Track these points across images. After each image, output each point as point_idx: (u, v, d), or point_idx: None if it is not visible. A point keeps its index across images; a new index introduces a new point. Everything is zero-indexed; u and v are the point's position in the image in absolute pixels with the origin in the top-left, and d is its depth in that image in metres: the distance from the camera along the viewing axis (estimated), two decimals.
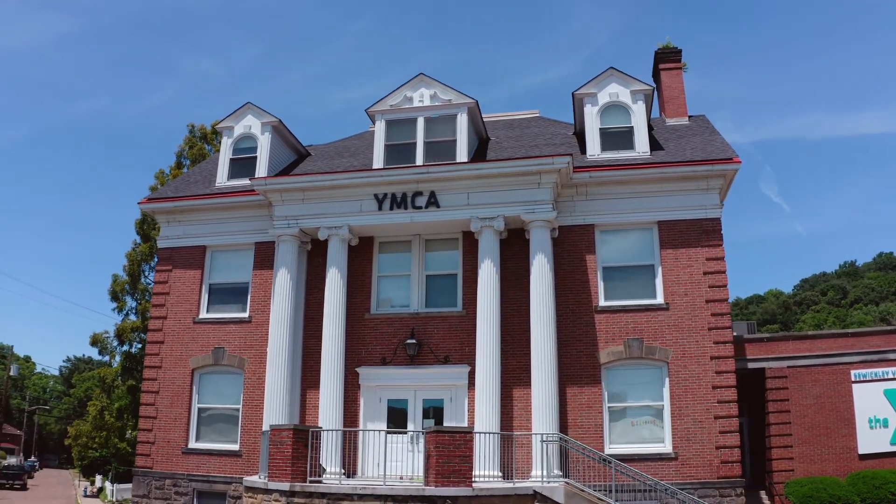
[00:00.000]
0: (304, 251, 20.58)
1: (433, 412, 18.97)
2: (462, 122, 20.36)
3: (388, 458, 16.18)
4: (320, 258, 20.10)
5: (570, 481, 15.92)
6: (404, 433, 18.27)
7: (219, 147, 23.55)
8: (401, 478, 16.76)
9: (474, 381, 18.06)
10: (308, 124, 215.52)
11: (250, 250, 21.37)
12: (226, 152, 22.75)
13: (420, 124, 20.53)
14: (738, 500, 16.82)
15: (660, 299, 18.52)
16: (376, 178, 19.27)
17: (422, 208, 18.99)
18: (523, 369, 18.21)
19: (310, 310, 20.30)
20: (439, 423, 18.58)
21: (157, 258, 25.60)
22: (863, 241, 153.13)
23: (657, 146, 20.31)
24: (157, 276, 22.38)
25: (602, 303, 18.75)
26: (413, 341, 19.11)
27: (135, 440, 23.49)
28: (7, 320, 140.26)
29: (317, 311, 19.91)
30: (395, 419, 19.13)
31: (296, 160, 23.87)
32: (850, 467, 18.54)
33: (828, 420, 19.01)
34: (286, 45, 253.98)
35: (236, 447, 19.85)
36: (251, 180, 20.27)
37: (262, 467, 17.11)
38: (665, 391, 17.94)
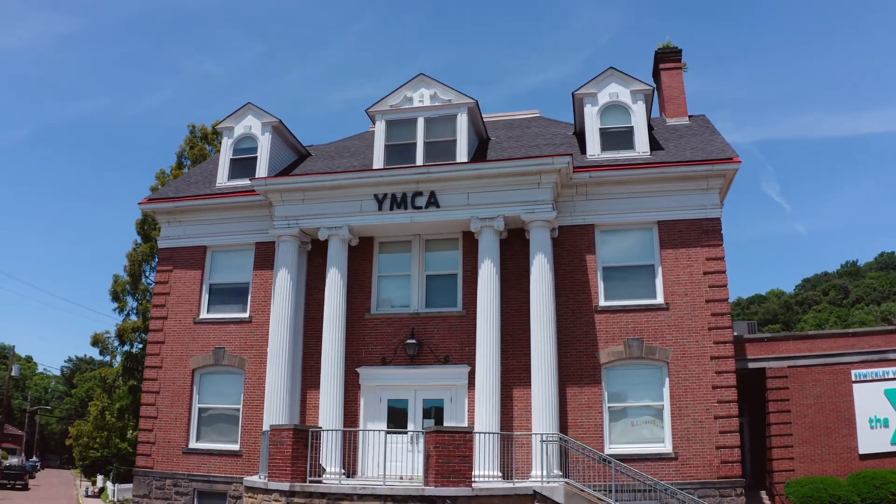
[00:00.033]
0: (305, 251, 20.60)
1: (433, 412, 18.99)
2: (462, 122, 20.37)
3: (388, 458, 16.19)
4: (320, 258, 20.12)
5: (569, 481, 15.92)
6: (404, 433, 18.28)
7: (219, 147, 23.58)
8: (401, 478, 16.77)
9: (474, 381, 18.07)
10: (309, 124, 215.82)
11: (251, 250, 21.40)
12: (226, 152, 22.78)
13: (420, 124, 20.54)
14: (738, 500, 16.81)
15: (660, 299, 18.52)
16: (376, 179, 19.29)
17: (422, 208, 19.00)
18: (523, 369, 18.22)
19: (310, 310, 20.32)
20: (439, 423, 18.59)
21: (157, 258, 25.67)
22: (864, 241, 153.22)
23: (657, 146, 20.31)
24: (157, 277, 22.42)
25: (602, 303, 18.75)
26: (413, 341, 19.13)
27: (136, 440, 23.51)
28: (8, 320, 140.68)
29: (317, 311, 19.93)
30: (396, 419, 19.14)
31: (296, 160, 23.90)
32: (850, 467, 18.54)
33: (828, 420, 19.01)
34: (287, 45, 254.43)
35: (237, 447, 19.88)
36: (251, 180, 20.30)
37: (262, 467, 17.13)
38: (665, 391, 17.94)
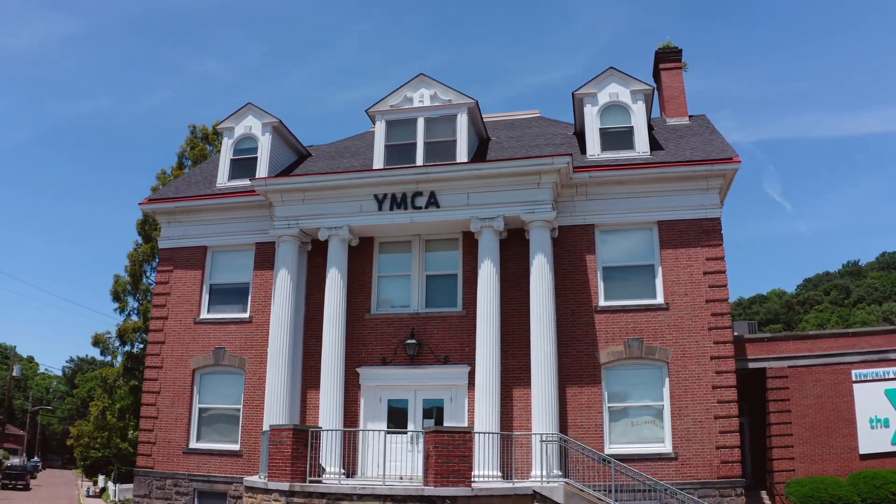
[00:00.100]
0: (305, 251, 20.61)
1: (433, 412, 18.99)
2: (462, 122, 20.38)
3: (388, 458, 16.20)
4: (320, 258, 20.13)
5: (569, 481, 15.92)
6: (404, 433, 18.28)
7: (220, 148, 23.61)
8: (401, 478, 16.78)
9: (474, 381, 18.07)
10: (310, 125, 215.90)
11: (251, 251, 21.41)
12: (226, 153, 22.80)
13: (420, 124, 20.55)
14: (738, 500, 16.80)
15: (660, 299, 18.51)
16: (376, 179, 19.30)
17: (422, 208, 19.01)
18: (523, 369, 18.22)
19: (310, 310, 20.33)
20: (440, 423, 18.59)
21: (158, 258, 25.68)
22: (866, 241, 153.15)
23: (657, 146, 20.30)
24: (158, 277, 22.46)
25: (602, 303, 18.75)
26: (413, 341, 19.13)
27: (136, 440, 23.52)
28: (8, 320, 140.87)
29: (317, 311, 19.94)
30: (396, 419, 19.15)
31: (296, 160, 23.91)
32: (850, 467, 18.53)
33: (828, 420, 19.00)
34: (288, 45, 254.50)
35: (237, 447, 19.89)
36: (251, 181, 20.31)
37: (262, 467, 17.14)
38: (665, 391, 17.93)
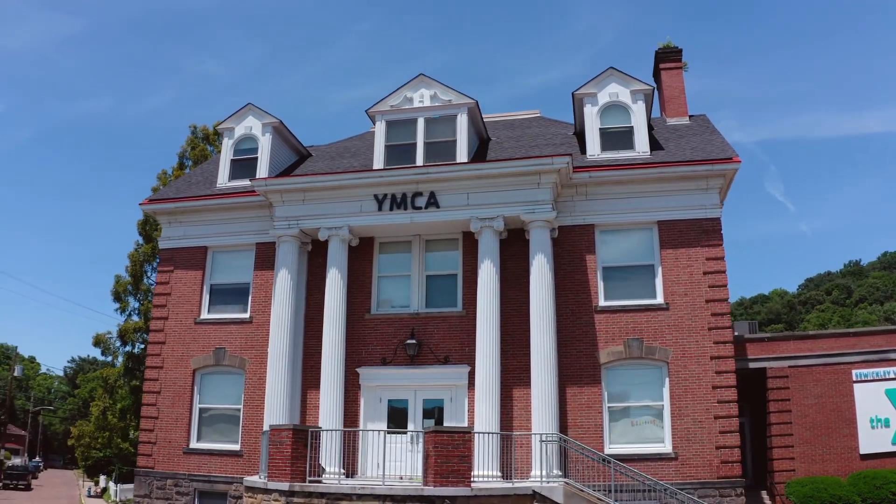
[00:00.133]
0: (305, 252, 20.62)
1: (434, 412, 18.99)
2: (462, 122, 20.38)
3: (388, 458, 16.21)
4: (321, 259, 20.13)
5: (569, 481, 15.92)
6: (404, 433, 18.28)
7: (220, 148, 23.62)
8: (401, 478, 16.77)
9: (474, 381, 18.07)
10: (310, 125, 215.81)
11: (251, 251, 21.42)
12: (227, 153, 22.82)
13: (420, 125, 20.55)
14: (738, 500, 16.79)
15: (660, 299, 18.50)
16: (376, 179, 19.30)
17: (422, 209, 19.01)
18: (523, 369, 18.22)
19: (310, 310, 20.34)
20: (440, 423, 18.60)
21: (158, 259, 25.69)
22: (867, 241, 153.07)
23: (657, 146, 20.29)
24: (158, 277, 22.48)
25: (602, 303, 18.74)
26: (413, 341, 19.13)
27: (137, 440, 23.54)
28: (9, 320, 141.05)
29: (317, 311, 19.94)
30: (396, 419, 19.15)
31: (297, 161, 23.92)
32: (851, 467, 18.51)
33: (829, 420, 18.99)
34: (288, 45, 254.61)
35: (237, 447, 19.90)
36: (252, 181, 20.32)
37: (262, 467, 17.16)
38: (665, 391, 17.92)
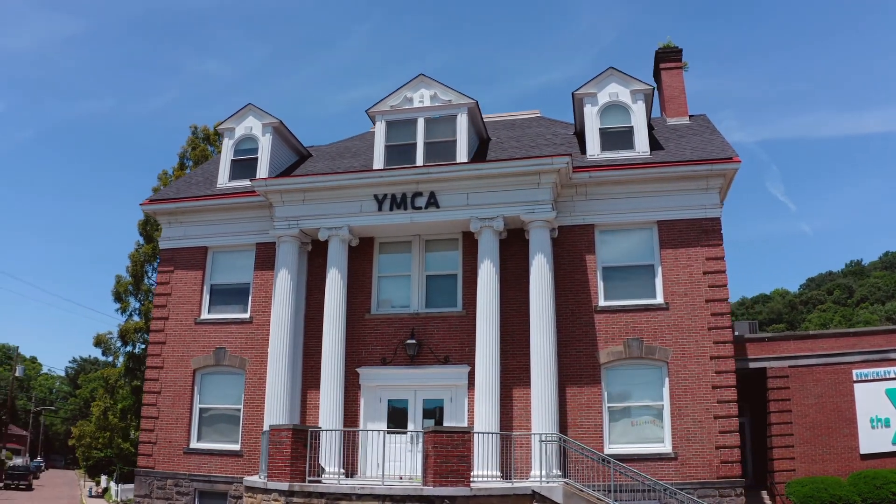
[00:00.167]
0: (305, 252, 20.63)
1: (434, 412, 18.99)
2: (462, 122, 20.38)
3: (388, 458, 16.23)
4: (321, 259, 20.14)
5: (568, 481, 15.92)
6: (404, 433, 18.28)
7: (221, 148, 23.64)
8: (400, 478, 16.77)
9: (474, 381, 18.07)
10: (311, 125, 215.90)
11: (251, 251, 21.44)
12: (227, 153, 22.83)
13: (420, 125, 20.56)
14: (738, 500, 16.78)
15: (659, 299, 18.50)
16: (376, 179, 19.31)
17: (421, 209, 19.01)
18: (523, 369, 18.22)
19: (310, 310, 20.35)
20: (440, 423, 18.60)
21: (159, 259, 25.72)
22: (869, 241, 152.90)
23: (657, 146, 20.29)
24: (158, 277, 22.50)
25: (602, 303, 18.74)
26: (413, 341, 19.14)
27: (138, 440, 23.56)
28: (9, 320, 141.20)
29: (317, 311, 19.95)
30: (396, 419, 19.16)
31: (297, 161, 23.94)
32: (851, 467, 18.51)
33: (829, 420, 18.98)
34: (289, 46, 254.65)
35: (237, 447, 19.91)
36: (252, 181, 20.34)
37: (261, 467, 17.17)
38: (665, 391, 17.91)
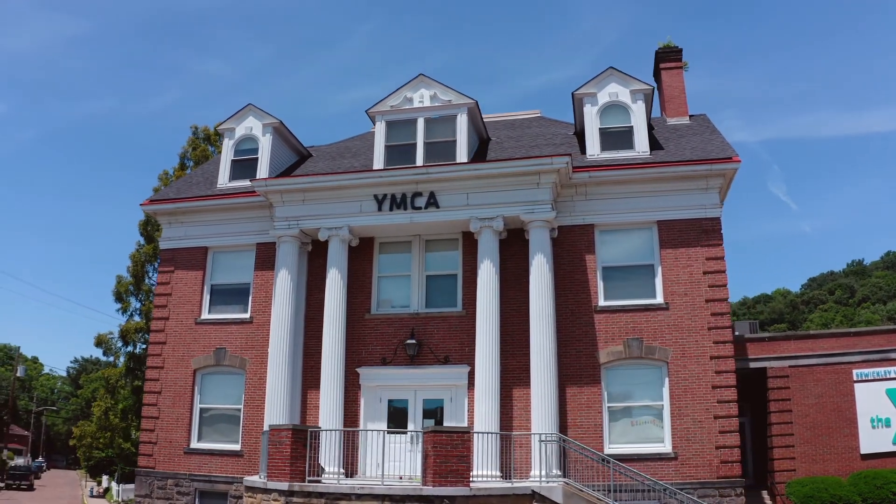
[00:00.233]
0: (305, 252, 20.64)
1: (434, 412, 19.00)
2: (462, 122, 20.38)
3: (388, 458, 16.24)
4: (321, 259, 20.15)
5: (568, 481, 15.92)
6: (404, 433, 18.29)
7: (221, 148, 23.66)
8: (400, 478, 16.78)
9: (474, 381, 18.07)
10: (311, 125, 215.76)
11: (251, 251, 21.45)
12: (227, 154, 22.85)
13: (420, 125, 20.56)
14: (738, 500, 16.77)
15: (659, 299, 18.49)
16: (376, 179, 19.32)
17: (421, 209, 19.02)
18: (523, 369, 18.22)
19: (310, 310, 20.36)
20: (440, 423, 18.61)
21: (159, 259, 25.72)
22: (870, 240, 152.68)
23: (657, 146, 20.28)
24: (159, 277, 22.53)
25: (602, 303, 18.73)
26: (413, 341, 19.14)
27: (139, 440, 23.58)
28: (10, 320, 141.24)
29: (317, 311, 19.96)
30: (396, 419, 19.16)
31: (297, 161, 23.95)
32: (851, 467, 18.50)
33: (830, 420, 18.97)
34: (290, 46, 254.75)
35: (238, 447, 19.93)
36: (252, 181, 20.35)
37: (261, 467, 17.18)
38: (665, 391, 17.91)
